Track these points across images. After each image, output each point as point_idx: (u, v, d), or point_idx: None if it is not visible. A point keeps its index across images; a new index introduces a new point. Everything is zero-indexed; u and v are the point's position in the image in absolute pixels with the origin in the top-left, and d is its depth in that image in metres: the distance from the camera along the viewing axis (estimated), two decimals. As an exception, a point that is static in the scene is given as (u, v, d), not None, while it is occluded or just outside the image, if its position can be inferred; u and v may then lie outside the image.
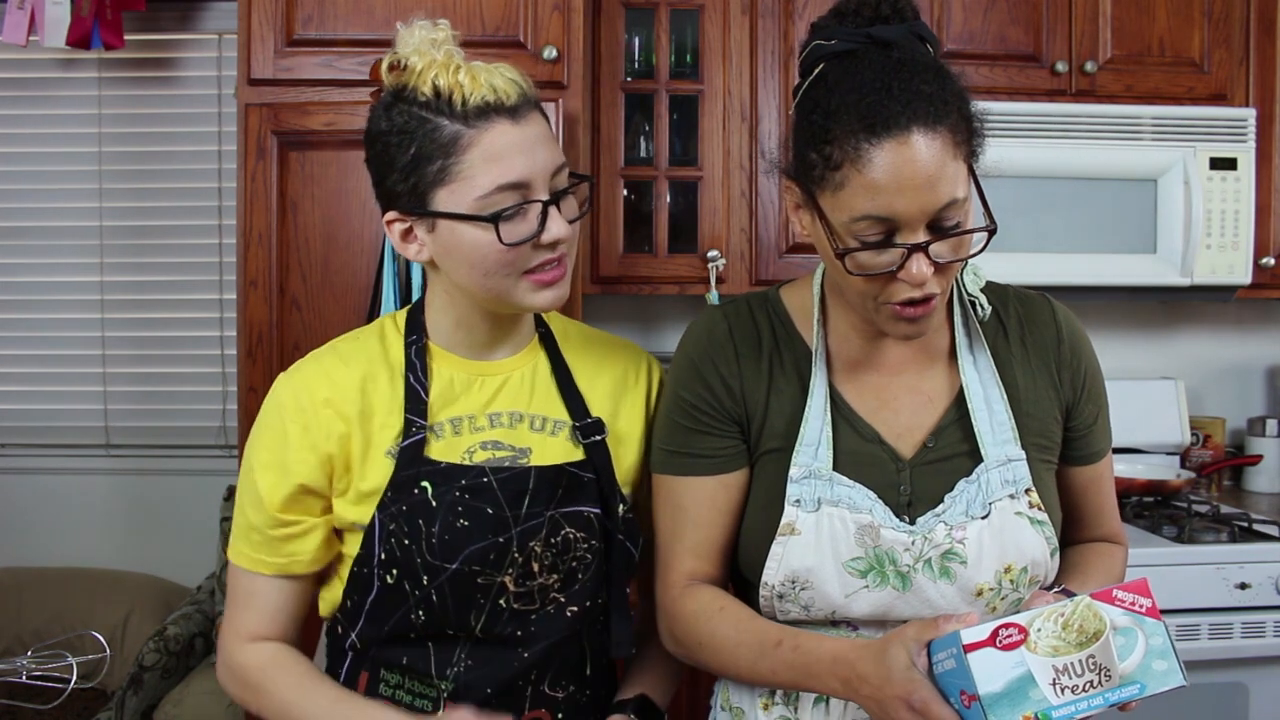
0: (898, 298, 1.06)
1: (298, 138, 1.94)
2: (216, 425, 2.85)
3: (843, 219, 1.04)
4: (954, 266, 1.07)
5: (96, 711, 2.30)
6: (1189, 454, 2.75)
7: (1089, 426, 1.23)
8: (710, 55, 2.40)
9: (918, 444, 1.17)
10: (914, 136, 1.01)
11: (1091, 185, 2.38)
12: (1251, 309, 2.91)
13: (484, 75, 1.10)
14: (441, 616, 1.14)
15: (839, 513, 1.12)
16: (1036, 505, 1.14)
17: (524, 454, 1.18)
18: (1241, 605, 2.10)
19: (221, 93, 2.77)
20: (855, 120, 1.02)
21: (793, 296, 1.24)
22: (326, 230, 1.95)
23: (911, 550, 1.11)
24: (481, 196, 1.08)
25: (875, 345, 1.19)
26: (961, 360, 1.19)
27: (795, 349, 1.20)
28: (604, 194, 2.39)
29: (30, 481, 2.85)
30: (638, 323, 2.75)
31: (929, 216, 1.03)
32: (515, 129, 1.09)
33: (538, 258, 1.12)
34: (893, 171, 1.01)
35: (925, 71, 1.05)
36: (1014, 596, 1.14)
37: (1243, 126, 2.42)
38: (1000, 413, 1.16)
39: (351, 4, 1.98)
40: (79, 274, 2.83)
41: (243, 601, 1.19)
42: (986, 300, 1.21)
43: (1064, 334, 1.22)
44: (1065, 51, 2.44)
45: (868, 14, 1.09)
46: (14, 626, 2.57)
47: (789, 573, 1.13)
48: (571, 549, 1.16)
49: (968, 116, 1.07)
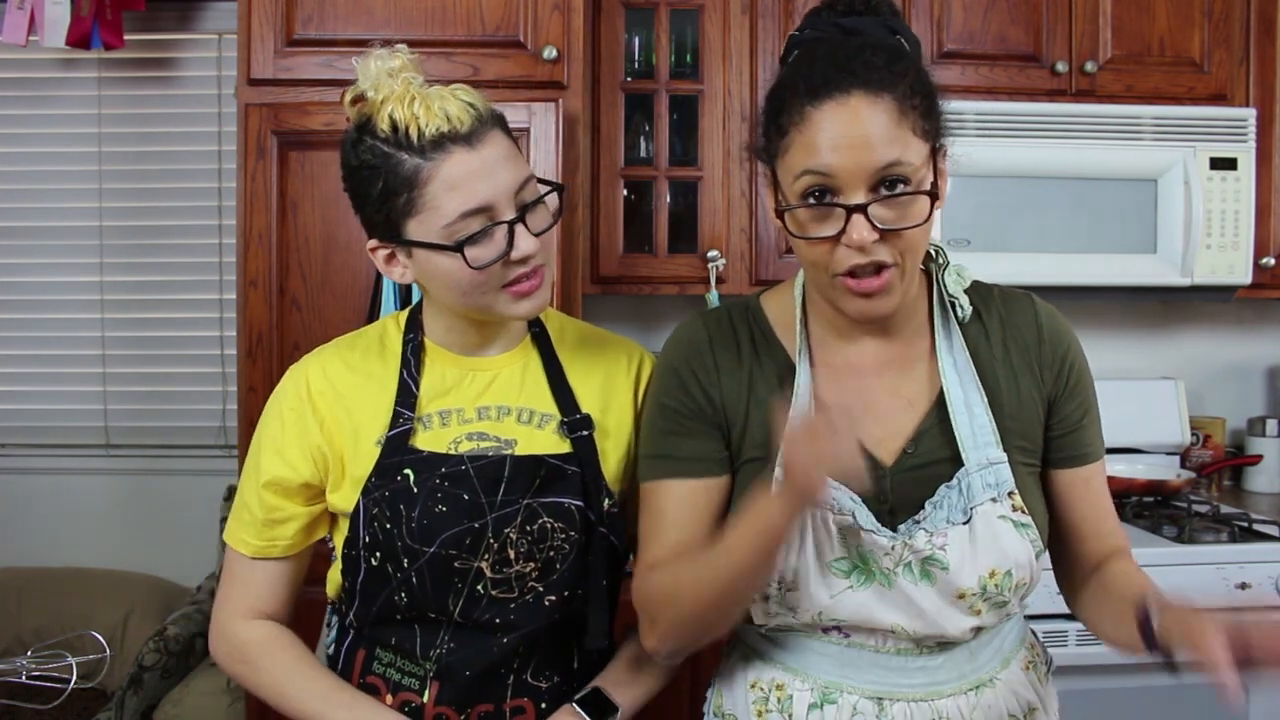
0: (844, 266, 1.06)
1: (298, 138, 1.94)
2: (216, 425, 2.85)
3: (789, 181, 1.07)
4: (904, 237, 1.06)
5: (96, 711, 2.30)
6: (1189, 454, 2.75)
7: (1075, 425, 1.20)
8: (710, 55, 2.40)
9: (897, 450, 1.16)
10: (854, 99, 1.03)
11: (1091, 185, 2.38)
12: (1251, 309, 2.91)
13: (438, 104, 1.13)
14: (422, 599, 1.19)
15: (822, 514, 1.12)
16: (1020, 508, 1.13)
17: (508, 445, 1.22)
18: (1242, 605, 2.09)
19: (221, 93, 2.76)
20: (803, 88, 1.06)
21: (773, 304, 1.24)
22: (326, 230, 1.95)
23: (891, 555, 1.11)
24: (447, 225, 1.13)
25: (854, 346, 1.19)
26: (941, 362, 1.17)
27: (776, 357, 1.20)
28: (604, 194, 2.39)
29: (30, 481, 2.85)
30: (638, 323, 2.75)
31: (868, 177, 1.03)
32: (472, 155, 1.13)
33: (511, 273, 1.16)
34: (830, 129, 1.03)
35: (880, 50, 1.07)
36: (998, 599, 1.13)
37: (1243, 126, 2.42)
38: (980, 415, 1.15)
39: (351, 4, 1.98)
40: (79, 274, 2.83)
41: (232, 577, 1.28)
42: (968, 301, 1.20)
43: (1045, 333, 1.20)
44: (1065, 51, 2.44)
45: (841, 8, 1.13)
46: (14, 626, 2.57)
47: (775, 575, 1.12)
48: (549, 538, 1.19)
49: (924, 94, 1.08)
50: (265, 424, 1.25)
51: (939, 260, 1.22)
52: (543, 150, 1.95)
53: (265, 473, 1.23)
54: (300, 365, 1.27)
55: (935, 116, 1.09)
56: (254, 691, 1.25)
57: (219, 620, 1.27)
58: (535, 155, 1.95)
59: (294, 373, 1.26)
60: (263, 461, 1.23)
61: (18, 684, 2.31)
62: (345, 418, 1.22)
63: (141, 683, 2.27)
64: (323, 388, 1.23)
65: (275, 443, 1.23)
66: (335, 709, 1.19)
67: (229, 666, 1.27)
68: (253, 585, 1.26)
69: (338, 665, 1.28)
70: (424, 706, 1.21)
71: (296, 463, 1.22)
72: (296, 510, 1.24)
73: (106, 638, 2.48)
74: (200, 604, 2.55)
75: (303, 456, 1.22)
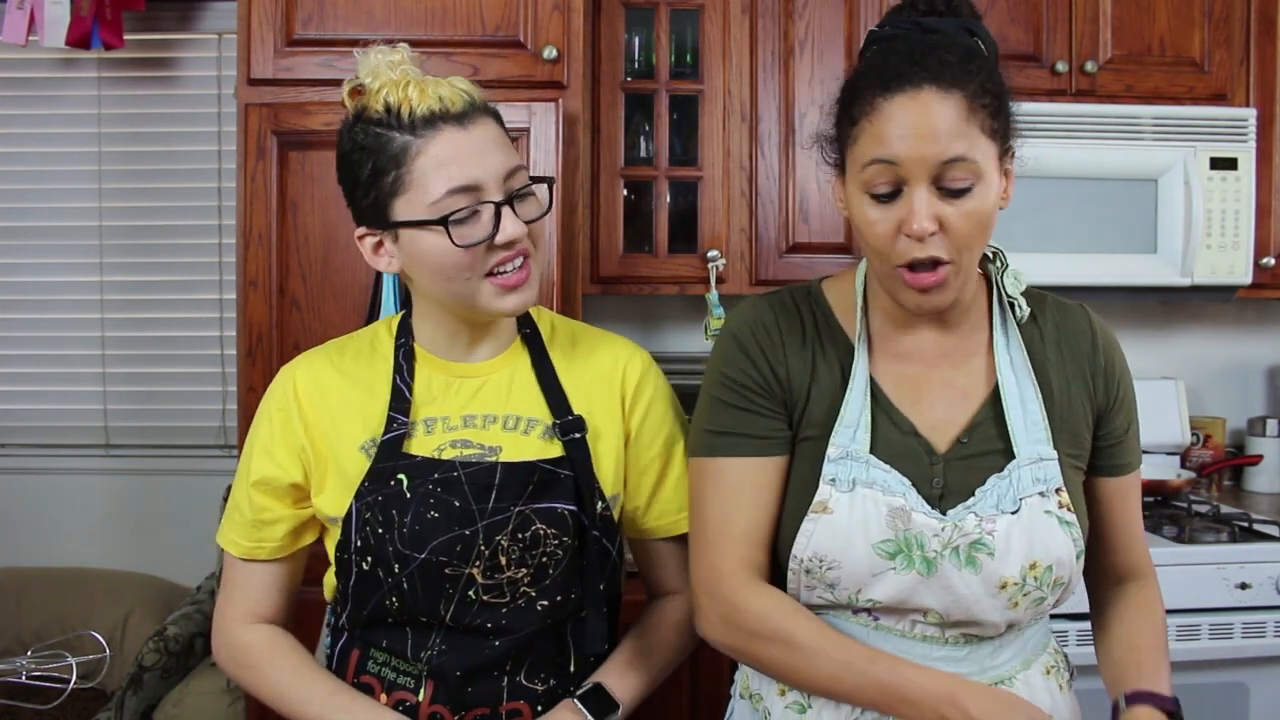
0: (904, 258, 1.09)
1: (298, 138, 1.94)
2: (216, 425, 2.84)
3: (856, 171, 1.10)
4: (964, 234, 1.08)
5: (96, 712, 2.30)
6: (1189, 454, 2.75)
7: (1120, 437, 1.23)
8: (710, 55, 2.40)
9: (952, 438, 1.18)
10: (924, 92, 1.06)
11: (1092, 185, 2.38)
12: (1251, 309, 2.91)
13: (431, 88, 1.14)
14: (413, 604, 1.19)
15: (872, 494, 1.13)
16: (1066, 505, 1.15)
17: (493, 452, 1.21)
18: (1242, 605, 2.10)
19: (221, 93, 2.76)
20: (876, 81, 1.09)
21: (834, 290, 1.26)
22: (326, 230, 1.95)
23: (940, 537, 1.12)
24: (434, 202, 1.13)
25: (912, 336, 1.20)
26: (998, 358, 1.19)
27: (836, 340, 1.21)
28: (604, 194, 2.39)
29: (30, 481, 2.85)
30: (638, 323, 2.75)
31: (931, 168, 1.06)
32: (462, 134, 1.14)
33: (495, 258, 1.15)
34: (899, 119, 1.06)
35: (954, 48, 1.09)
36: (1037, 594, 1.14)
37: (1243, 126, 2.42)
38: (1034, 412, 1.17)
39: (351, 4, 1.98)
40: (79, 274, 2.83)
41: (229, 582, 1.29)
42: (1026, 303, 1.22)
43: (1099, 341, 1.23)
44: (1065, 51, 2.44)
45: (922, 7, 1.15)
46: (14, 626, 2.57)
47: (818, 550, 1.13)
48: (541, 544, 1.19)
49: (995, 95, 1.10)
50: (256, 425, 1.27)
51: (997, 263, 1.23)
52: (543, 150, 1.95)
53: (255, 473, 1.24)
54: (289, 367, 1.28)
55: (1005, 118, 1.11)
56: (257, 695, 1.25)
57: (220, 626, 1.28)
58: (535, 155, 1.95)
59: (283, 374, 1.27)
60: (253, 462, 1.25)
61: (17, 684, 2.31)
62: (330, 421, 1.22)
63: (141, 683, 2.27)
64: (309, 389, 1.24)
65: (265, 444, 1.24)
66: (335, 712, 1.19)
67: (233, 672, 1.28)
68: (249, 590, 1.27)
69: (333, 664, 1.29)
70: (419, 705, 1.21)
71: (285, 463, 1.23)
72: (284, 512, 1.24)
73: (106, 638, 2.48)
74: (200, 604, 2.55)
75: (290, 457, 1.23)
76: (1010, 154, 1.14)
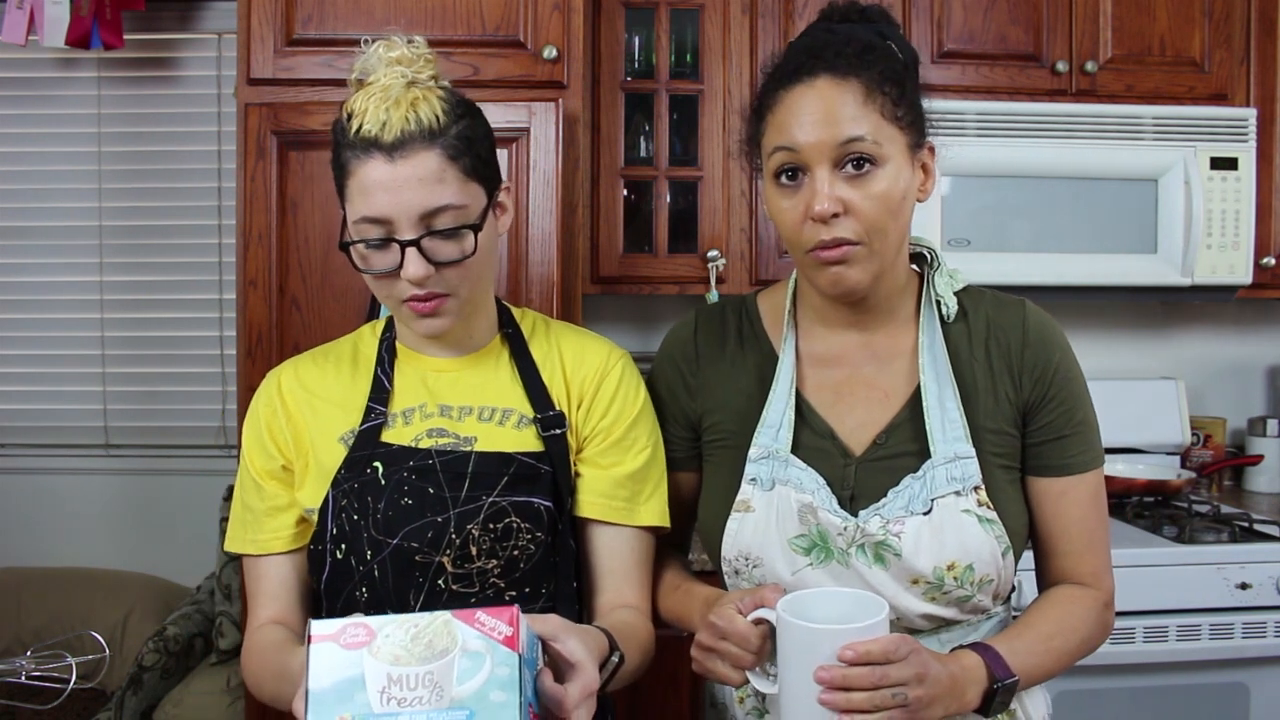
0: (813, 242, 1.12)
1: (298, 138, 1.94)
2: (216, 425, 2.84)
3: (765, 164, 1.16)
4: (870, 216, 1.10)
5: (96, 712, 2.30)
6: (1189, 454, 2.75)
7: (1056, 434, 1.19)
8: (710, 55, 2.40)
9: (869, 440, 1.19)
10: (820, 80, 1.11)
11: (1092, 185, 2.38)
12: (1251, 309, 2.91)
13: (382, 109, 1.13)
14: (383, 594, 1.19)
15: (787, 491, 1.17)
16: (985, 504, 1.14)
17: (468, 442, 1.22)
18: (1242, 605, 2.10)
19: (221, 93, 2.77)
20: (778, 76, 1.15)
21: (767, 300, 1.31)
22: (326, 230, 1.95)
23: (844, 535, 1.14)
24: (354, 223, 1.16)
25: (839, 336, 1.23)
26: (921, 359, 1.19)
27: (760, 348, 1.27)
28: (604, 194, 2.39)
29: (30, 481, 2.85)
30: (637, 323, 2.75)
31: (830, 150, 1.09)
32: (387, 167, 1.12)
33: (407, 291, 1.16)
34: (796, 107, 1.11)
35: (854, 41, 1.13)
36: (960, 593, 1.14)
37: (1243, 126, 2.42)
38: (953, 411, 1.17)
39: (351, 4, 1.98)
40: (79, 274, 2.83)
41: (250, 589, 1.28)
42: (956, 302, 1.22)
43: (1030, 337, 1.20)
44: (1066, 51, 2.44)
45: (837, 17, 1.21)
46: (14, 626, 2.57)
47: (742, 549, 1.19)
48: (513, 537, 1.19)
49: (898, 84, 1.12)
50: (245, 426, 1.30)
51: (932, 263, 1.25)
52: (542, 150, 1.95)
53: (254, 465, 1.26)
54: (275, 370, 1.31)
55: (910, 107, 1.14)
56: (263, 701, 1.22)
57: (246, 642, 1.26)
58: (535, 155, 1.95)
59: (269, 377, 1.30)
60: (249, 457, 1.27)
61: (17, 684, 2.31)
62: (312, 415, 1.25)
63: (141, 683, 2.27)
64: (293, 386, 1.27)
65: (257, 438, 1.27)
66: None
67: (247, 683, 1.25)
68: (264, 590, 1.25)
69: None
70: None
71: (275, 452, 1.25)
72: (293, 496, 1.25)
73: (106, 638, 2.48)
74: (200, 604, 2.55)
75: (279, 446, 1.26)
76: (927, 149, 1.17)
